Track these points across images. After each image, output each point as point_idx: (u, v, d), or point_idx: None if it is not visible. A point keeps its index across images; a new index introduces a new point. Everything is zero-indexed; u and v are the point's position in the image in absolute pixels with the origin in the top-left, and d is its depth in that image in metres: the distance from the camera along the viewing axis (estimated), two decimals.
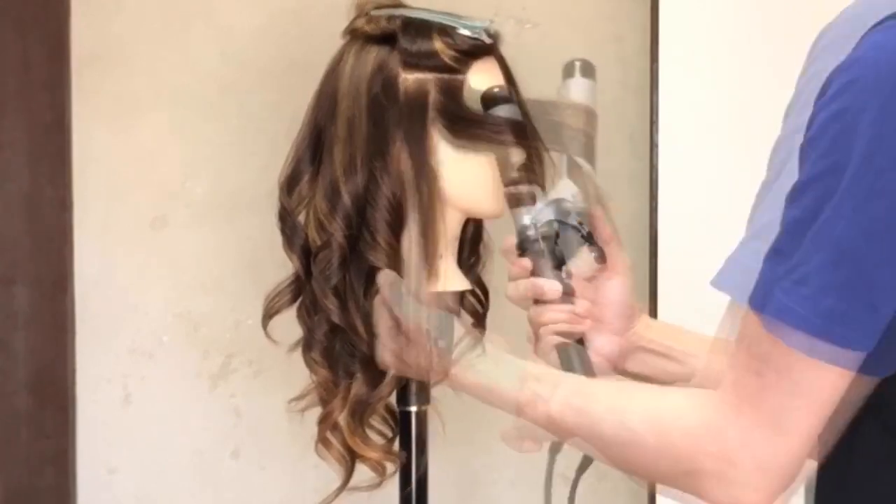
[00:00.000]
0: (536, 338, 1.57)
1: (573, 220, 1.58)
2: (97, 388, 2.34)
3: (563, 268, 1.56)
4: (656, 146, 2.23)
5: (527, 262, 1.56)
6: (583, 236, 1.57)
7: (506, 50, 1.71)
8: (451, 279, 1.71)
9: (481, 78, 1.63)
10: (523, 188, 1.59)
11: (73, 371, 2.34)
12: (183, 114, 2.33)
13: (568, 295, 1.55)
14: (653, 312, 2.25)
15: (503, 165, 1.67)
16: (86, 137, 2.32)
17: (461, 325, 1.62)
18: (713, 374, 1.19)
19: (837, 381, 1.09)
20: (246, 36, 2.32)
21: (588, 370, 1.52)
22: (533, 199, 1.58)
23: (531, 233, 1.56)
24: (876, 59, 1.07)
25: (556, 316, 1.55)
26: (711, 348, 1.34)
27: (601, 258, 1.59)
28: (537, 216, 1.57)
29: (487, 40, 1.64)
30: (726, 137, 2.23)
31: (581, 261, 1.59)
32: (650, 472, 1.23)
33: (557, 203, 1.60)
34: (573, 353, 1.55)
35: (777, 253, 1.11)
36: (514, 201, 1.60)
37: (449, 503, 2.28)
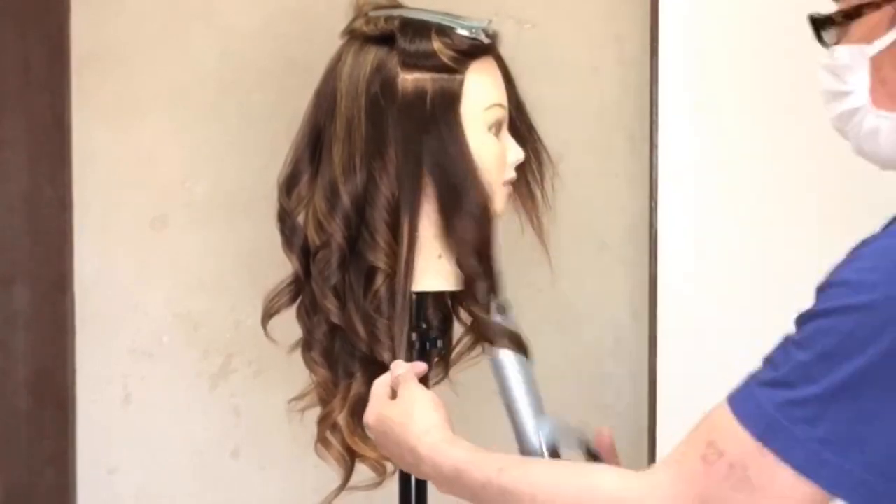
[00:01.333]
0: None
1: (574, 434, 1.57)
2: (97, 388, 2.34)
3: None
4: (656, 146, 2.23)
5: None
6: (586, 451, 1.56)
7: (505, 50, 1.71)
8: (451, 279, 1.71)
9: (479, 78, 1.63)
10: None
11: (73, 371, 2.33)
12: (183, 114, 2.33)
13: None
14: (653, 313, 2.24)
15: (502, 165, 1.66)
16: (86, 137, 2.32)
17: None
18: None
19: (794, 493, 1.13)
20: (246, 36, 2.32)
21: None
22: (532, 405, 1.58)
23: (536, 445, 1.56)
24: None
25: None
26: None
27: None
28: (540, 427, 1.57)
29: (486, 40, 1.63)
30: (726, 137, 2.23)
31: None
32: None
33: (554, 419, 1.59)
34: None
35: (769, 362, 1.18)
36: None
37: (449, 503, 2.28)
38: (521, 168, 1.71)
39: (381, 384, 1.52)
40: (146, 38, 2.32)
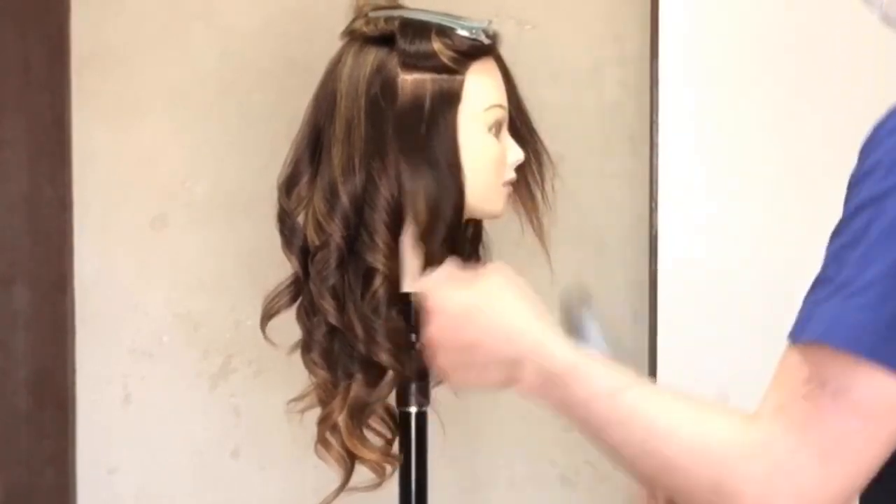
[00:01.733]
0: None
1: None
2: (97, 388, 2.34)
3: None
4: (656, 146, 2.23)
5: None
6: None
7: (506, 51, 1.71)
8: None
9: (479, 79, 1.63)
10: None
11: (73, 371, 2.33)
12: (183, 114, 2.33)
13: None
14: (653, 312, 2.24)
15: (501, 165, 1.66)
16: (86, 137, 2.32)
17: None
18: None
19: None
20: (246, 36, 2.32)
21: None
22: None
23: None
24: None
25: None
26: None
27: None
28: None
29: (486, 41, 1.63)
30: (726, 137, 2.23)
31: None
32: (682, 491, 1.14)
33: None
34: None
35: (821, 282, 1.08)
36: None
37: (449, 503, 2.28)
38: (521, 169, 1.71)
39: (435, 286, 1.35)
40: (146, 38, 2.32)
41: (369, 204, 1.62)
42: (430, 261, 1.62)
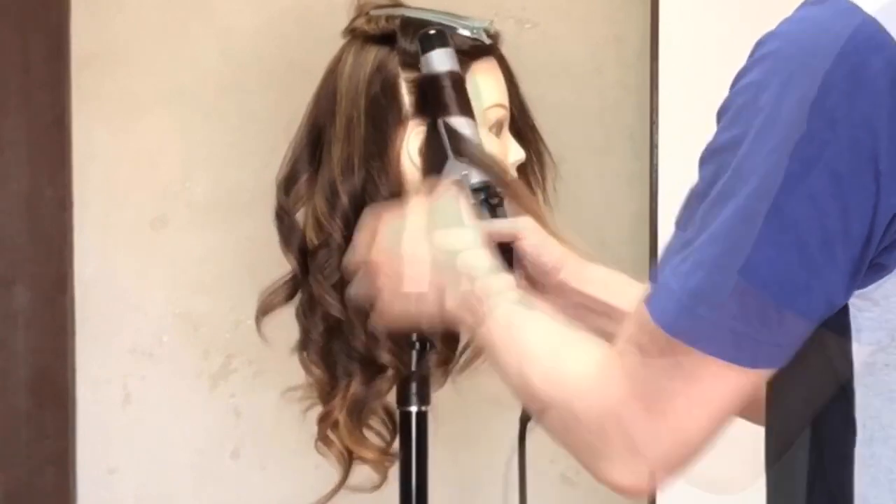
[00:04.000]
0: None
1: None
2: (97, 388, 2.34)
3: None
4: (656, 146, 2.23)
5: None
6: (487, 202, 1.53)
7: (506, 50, 1.71)
8: None
9: (480, 79, 1.63)
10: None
11: (73, 371, 2.33)
12: (183, 114, 2.33)
13: None
14: None
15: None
16: (86, 137, 2.32)
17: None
18: None
19: (720, 371, 0.98)
20: (246, 36, 2.32)
21: None
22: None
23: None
24: (795, 34, 1.02)
25: None
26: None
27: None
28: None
29: (487, 40, 1.63)
30: None
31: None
32: (543, 419, 1.15)
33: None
34: None
35: (678, 224, 1.04)
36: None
37: (449, 503, 2.28)
38: (522, 168, 1.71)
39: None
40: (146, 37, 2.32)
41: (370, 203, 1.62)
42: None
